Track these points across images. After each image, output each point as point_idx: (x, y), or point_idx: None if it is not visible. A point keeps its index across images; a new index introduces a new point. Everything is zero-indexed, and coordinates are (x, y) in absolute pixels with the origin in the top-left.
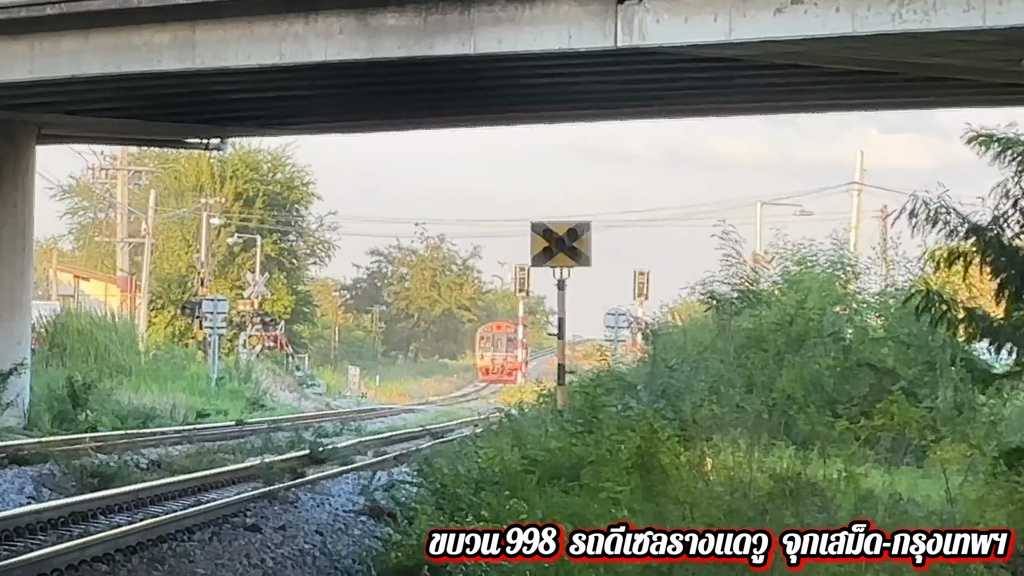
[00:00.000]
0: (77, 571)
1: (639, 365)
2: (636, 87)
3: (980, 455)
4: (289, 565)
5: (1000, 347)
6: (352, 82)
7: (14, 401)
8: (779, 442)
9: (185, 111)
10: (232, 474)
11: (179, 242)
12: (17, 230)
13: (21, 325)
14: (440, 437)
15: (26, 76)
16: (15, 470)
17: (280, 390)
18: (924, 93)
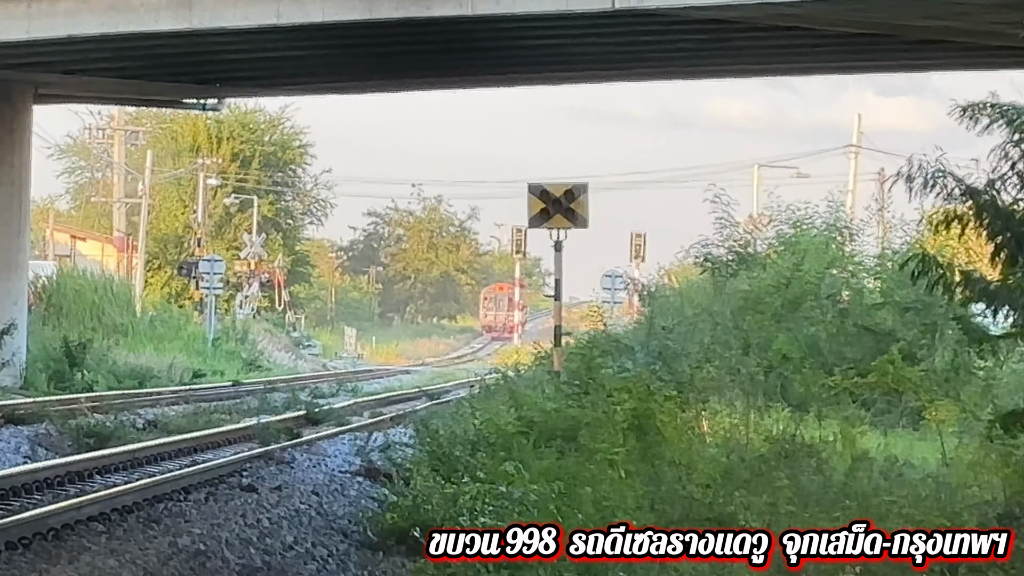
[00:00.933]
0: (73, 531)
1: (635, 327)
2: (634, 49)
3: (975, 418)
4: (285, 525)
5: (996, 310)
6: (350, 43)
7: (10, 361)
8: (775, 404)
9: (182, 71)
10: (228, 434)
11: (176, 203)
12: (14, 190)
13: (18, 285)
14: (436, 398)
15: (23, 36)
16: (11, 430)
17: (276, 351)
18: (922, 56)
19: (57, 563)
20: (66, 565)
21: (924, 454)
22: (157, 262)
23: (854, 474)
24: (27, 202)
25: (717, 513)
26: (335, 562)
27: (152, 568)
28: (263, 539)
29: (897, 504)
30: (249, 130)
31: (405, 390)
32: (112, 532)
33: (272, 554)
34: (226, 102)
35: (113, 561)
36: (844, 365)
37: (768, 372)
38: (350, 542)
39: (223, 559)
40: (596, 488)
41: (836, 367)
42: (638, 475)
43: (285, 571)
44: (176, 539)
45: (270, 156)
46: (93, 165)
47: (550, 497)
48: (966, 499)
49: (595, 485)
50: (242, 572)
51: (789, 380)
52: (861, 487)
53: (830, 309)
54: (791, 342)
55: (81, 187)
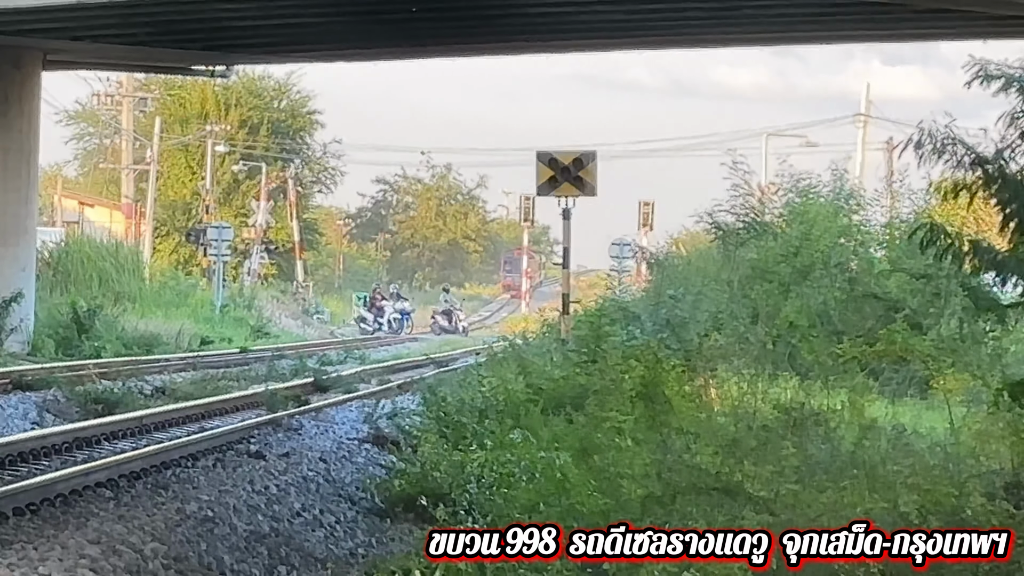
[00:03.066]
0: (81, 496)
1: (643, 295)
2: (643, 16)
3: (984, 386)
4: (293, 492)
5: (1005, 280)
6: (359, 10)
7: (18, 327)
8: (783, 373)
9: (191, 38)
10: (236, 401)
11: (184, 169)
12: (22, 156)
13: (26, 251)
14: (444, 366)
15: (32, 2)
16: (19, 396)
17: (284, 317)
18: (930, 24)
19: (65, 529)
20: (74, 531)
21: (932, 423)
22: (165, 229)
23: (862, 443)
24: (35, 168)
25: (724, 481)
26: (343, 529)
27: (160, 534)
28: (271, 505)
29: (904, 473)
30: (257, 96)
31: (413, 357)
32: (120, 498)
33: (280, 520)
34: (235, 69)
35: (121, 527)
36: (853, 334)
37: (776, 340)
38: (358, 509)
39: (231, 525)
40: (604, 456)
41: (844, 335)
42: (646, 443)
43: (293, 537)
44: (184, 505)
45: (279, 123)
46: (101, 131)
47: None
48: (973, 468)
49: (602, 453)
50: (250, 538)
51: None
52: (868, 456)
53: (839, 278)
54: (800, 311)
55: (89, 153)
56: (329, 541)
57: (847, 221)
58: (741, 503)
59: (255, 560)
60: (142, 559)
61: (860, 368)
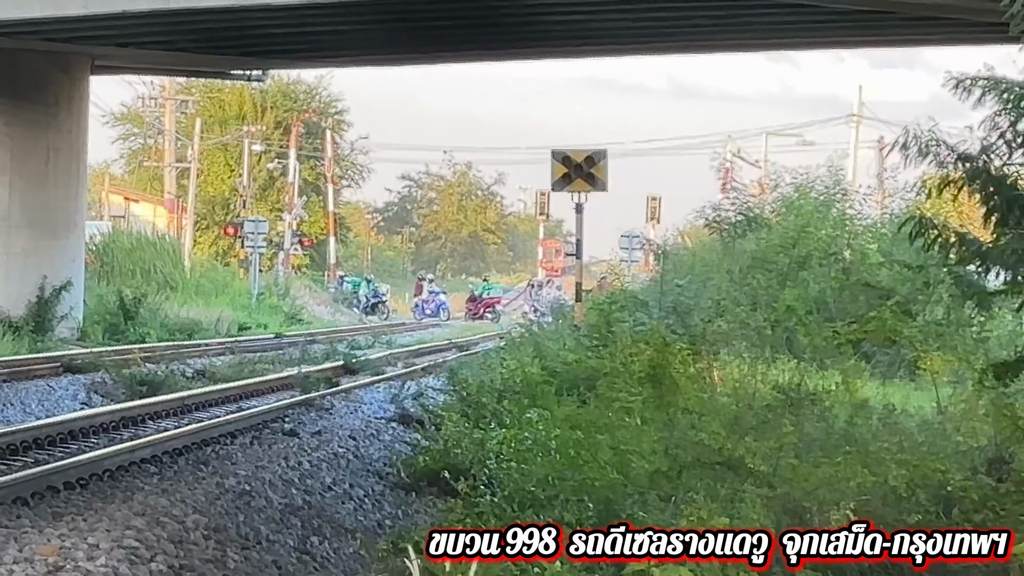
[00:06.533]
0: (127, 472)
1: (651, 284)
2: (650, 24)
3: (968, 367)
4: (324, 467)
5: (988, 270)
6: (387, 17)
7: (68, 314)
8: (781, 356)
9: (229, 44)
10: (271, 383)
11: (223, 167)
12: (72, 155)
13: (75, 243)
14: (465, 350)
15: (81, 11)
16: (69, 378)
17: (316, 305)
18: (917, 31)
19: (112, 502)
20: (121, 504)
21: (920, 403)
22: (205, 222)
23: (854, 421)
24: (84, 166)
25: (727, 457)
26: (371, 502)
27: (201, 506)
28: (304, 480)
29: (893, 449)
30: (290, 99)
31: (436, 342)
32: (163, 473)
33: (312, 494)
34: (269, 73)
35: (164, 500)
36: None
37: (775, 326)
38: (385, 483)
39: (267, 498)
40: (614, 434)
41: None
42: (653, 422)
43: (324, 510)
44: (223, 480)
45: (310, 124)
46: (145, 132)
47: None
48: (958, 445)
49: (613, 431)
50: (284, 510)
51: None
52: (860, 433)
53: (834, 267)
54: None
55: (134, 152)
56: (358, 513)
57: (841, 215)
58: (742, 477)
59: (289, 531)
60: (184, 530)
61: (853, 351)
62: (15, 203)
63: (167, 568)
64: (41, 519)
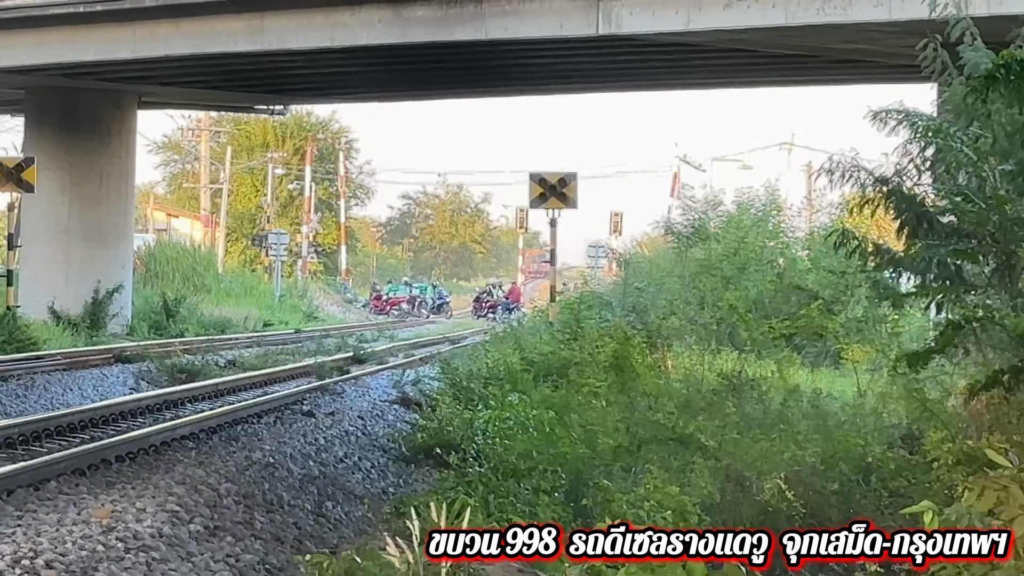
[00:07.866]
0: (169, 447)
1: (614, 287)
2: (613, 66)
3: (884, 357)
4: (337, 443)
5: (900, 275)
6: (388, 61)
7: (119, 313)
8: (725, 348)
9: (256, 83)
10: (291, 371)
11: (250, 188)
12: (122, 177)
13: (125, 252)
14: (456, 343)
15: (129, 55)
16: (120, 367)
17: (330, 305)
18: (843, 72)
19: (157, 472)
20: (164, 474)
21: (843, 387)
22: (235, 235)
23: (787, 403)
24: (132, 187)
25: (679, 434)
26: (377, 472)
27: (232, 476)
28: (319, 454)
29: (820, 428)
30: (306, 130)
31: (431, 337)
32: (200, 448)
33: (327, 466)
34: (290, 108)
35: (201, 471)
36: (780, 317)
37: (719, 322)
38: (388, 456)
39: (288, 469)
40: (583, 414)
41: (774, 318)
42: (616, 404)
43: (337, 479)
44: (251, 454)
45: (323, 150)
46: (184, 158)
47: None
48: (876, 423)
49: (582, 412)
50: (303, 479)
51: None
52: (792, 413)
53: (769, 273)
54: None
55: (175, 175)
56: (366, 482)
57: (776, 229)
58: (692, 451)
59: (307, 497)
60: (218, 496)
61: (786, 344)
62: (74, 218)
63: (203, 528)
64: (96, 487)
